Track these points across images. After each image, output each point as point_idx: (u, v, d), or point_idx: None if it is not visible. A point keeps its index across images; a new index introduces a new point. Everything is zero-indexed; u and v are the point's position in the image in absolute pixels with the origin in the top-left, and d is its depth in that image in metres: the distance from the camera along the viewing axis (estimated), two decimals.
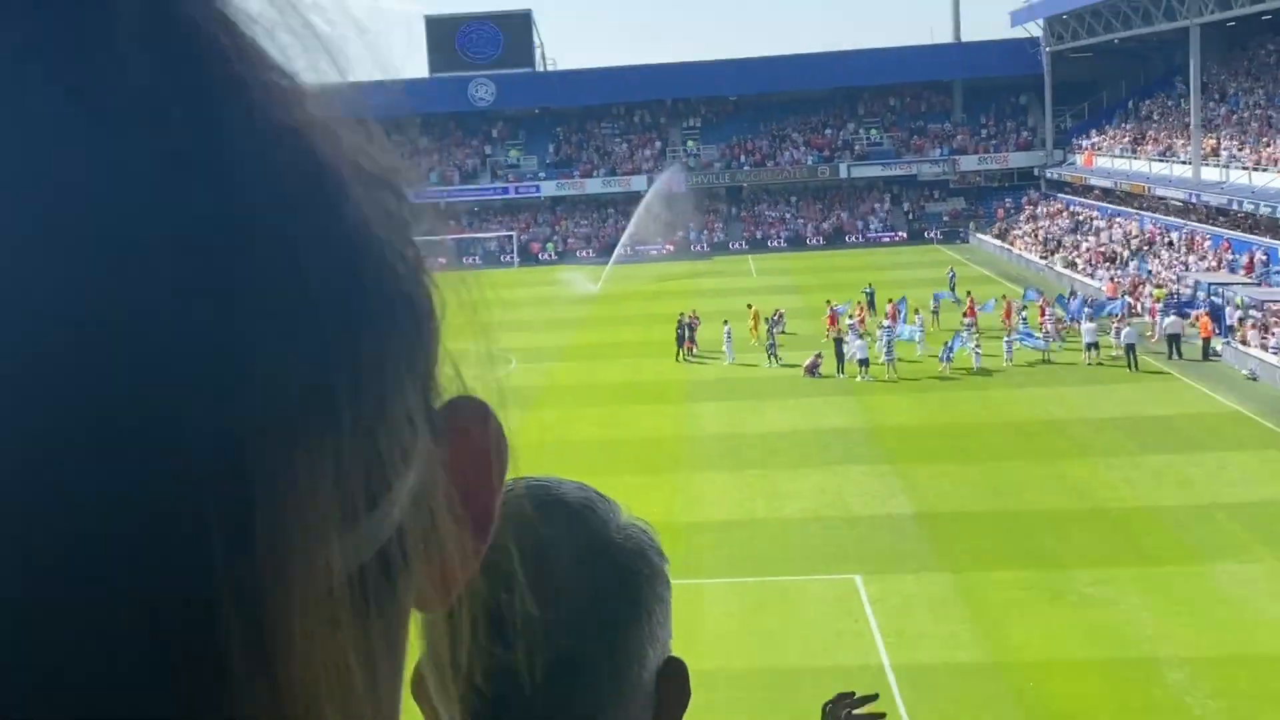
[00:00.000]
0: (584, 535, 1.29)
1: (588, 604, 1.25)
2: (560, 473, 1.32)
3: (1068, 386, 37.27)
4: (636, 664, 1.28)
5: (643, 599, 1.30)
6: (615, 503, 1.37)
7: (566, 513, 1.30)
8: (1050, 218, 71.64)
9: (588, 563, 1.27)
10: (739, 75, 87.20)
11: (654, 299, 57.48)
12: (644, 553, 1.33)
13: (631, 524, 1.36)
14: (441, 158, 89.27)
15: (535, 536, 1.25)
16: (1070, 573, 22.63)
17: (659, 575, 1.34)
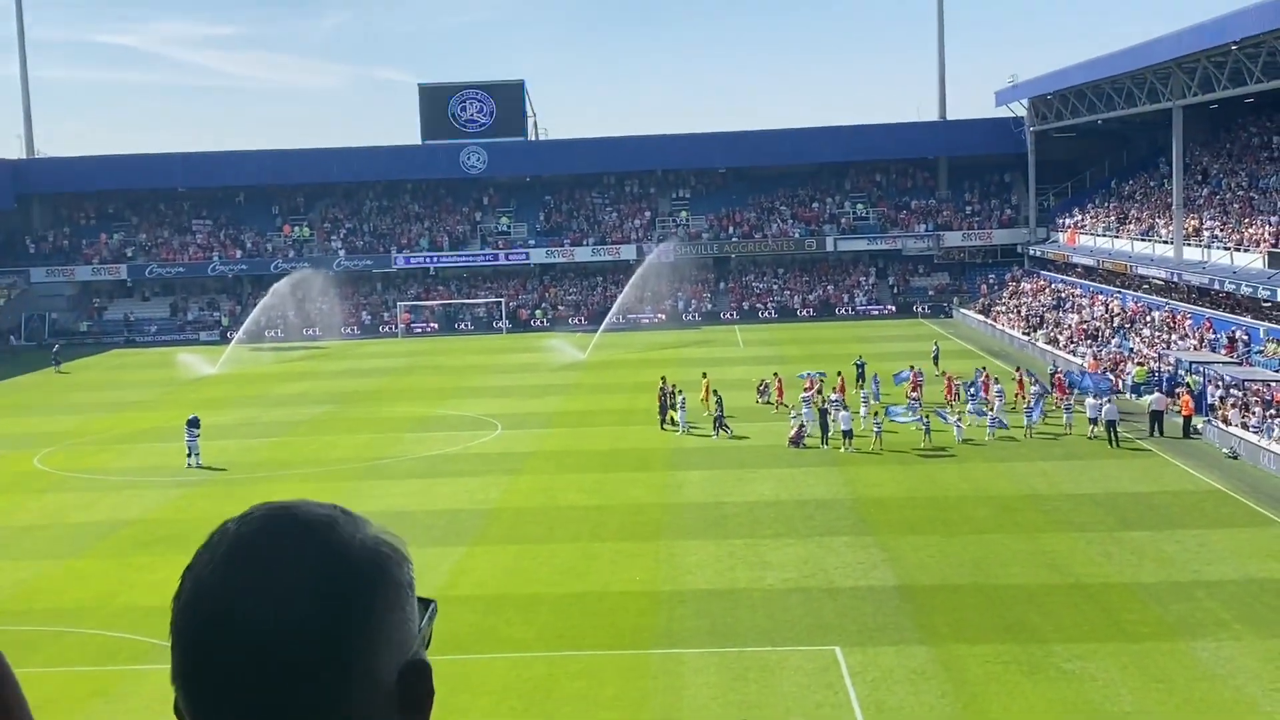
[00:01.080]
0: (318, 551, 1.37)
1: (309, 611, 1.33)
2: (546, 538, 1.45)
3: (1049, 461, 37.52)
4: (363, 666, 1.36)
5: (370, 606, 1.38)
6: (365, 520, 1.45)
7: (304, 531, 1.39)
8: (1033, 294, 72.25)
9: (314, 574, 1.35)
10: (729, 148, 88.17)
11: (641, 367, 57.75)
12: (379, 562, 1.41)
13: (377, 537, 1.44)
14: (433, 224, 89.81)
15: (263, 552, 1.37)
16: (1050, 646, 22.73)
17: (394, 583, 1.42)
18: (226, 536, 1.40)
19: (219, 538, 1.40)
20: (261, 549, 1.37)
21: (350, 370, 64.16)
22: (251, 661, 1.31)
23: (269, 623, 1.32)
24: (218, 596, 1.35)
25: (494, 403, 51.13)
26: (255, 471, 39.60)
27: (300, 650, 1.32)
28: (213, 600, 1.35)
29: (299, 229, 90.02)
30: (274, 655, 1.31)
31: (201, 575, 1.38)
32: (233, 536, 1.39)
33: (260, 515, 1.41)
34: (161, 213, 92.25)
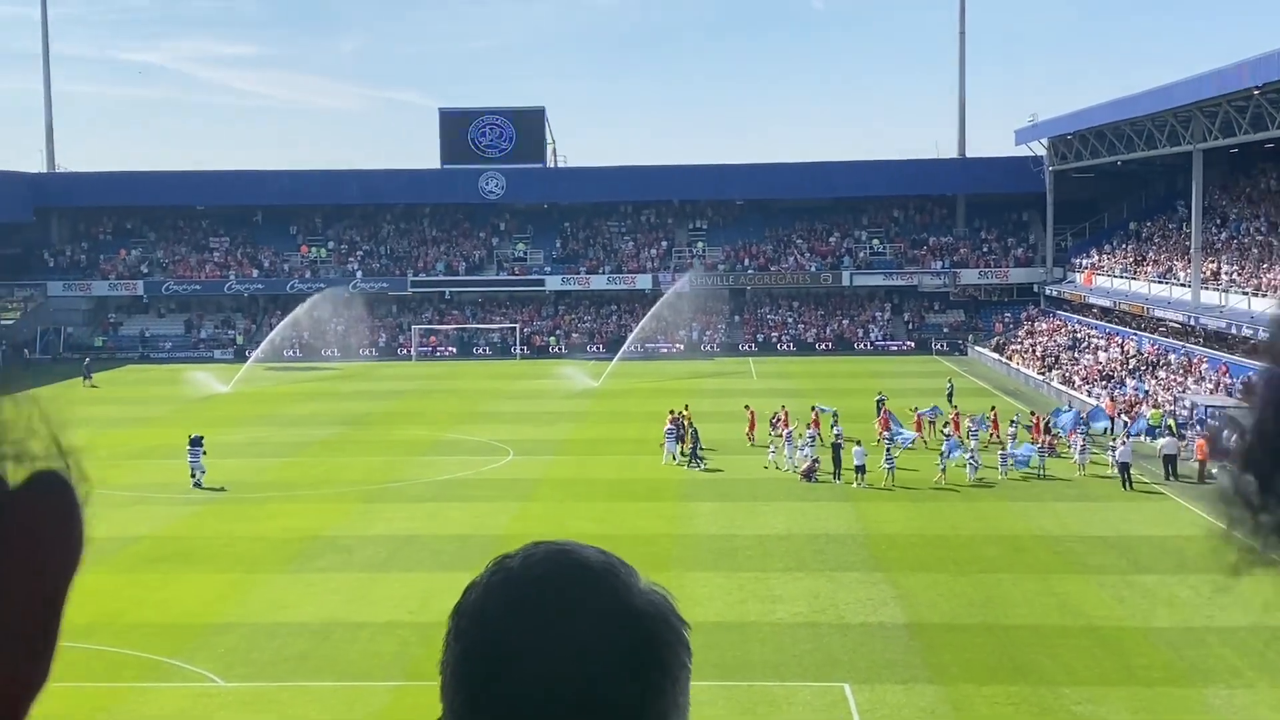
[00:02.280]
0: (608, 597, 1.30)
1: (614, 667, 1.25)
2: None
3: (1062, 502, 37.31)
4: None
5: (668, 664, 1.29)
6: (634, 569, 1.38)
7: (590, 575, 1.32)
8: (1049, 334, 72.09)
9: (613, 625, 1.28)
10: (747, 180, 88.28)
11: (653, 397, 57.64)
12: (667, 618, 1.33)
13: (653, 589, 1.36)
14: (449, 248, 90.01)
15: (555, 600, 1.28)
16: (1059, 689, 22.53)
17: (682, 641, 1.33)
18: (510, 576, 1.31)
19: (500, 576, 1.32)
20: (551, 594, 1.29)
21: (364, 392, 64.20)
22: (552, 714, 1.24)
23: (570, 678, 1.24)
24: (512, 641, 1.26)
25: (506, 428, 51.08)
26: (265, 491, 39.57)
27: (602, 708, 1.25)
28: (507, 645, 1.26)
29: (316, 249, 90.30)
30: (576, 709, 1.24)
31: (488, 617, 1.29)
32: (518, 577, 1.31)
33: (543, 555, 1.33)
34: (179, 230, 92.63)
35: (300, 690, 22.63)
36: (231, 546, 32.91)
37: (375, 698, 22.28)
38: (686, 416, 46.00)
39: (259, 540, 33.32)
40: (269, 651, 24.48)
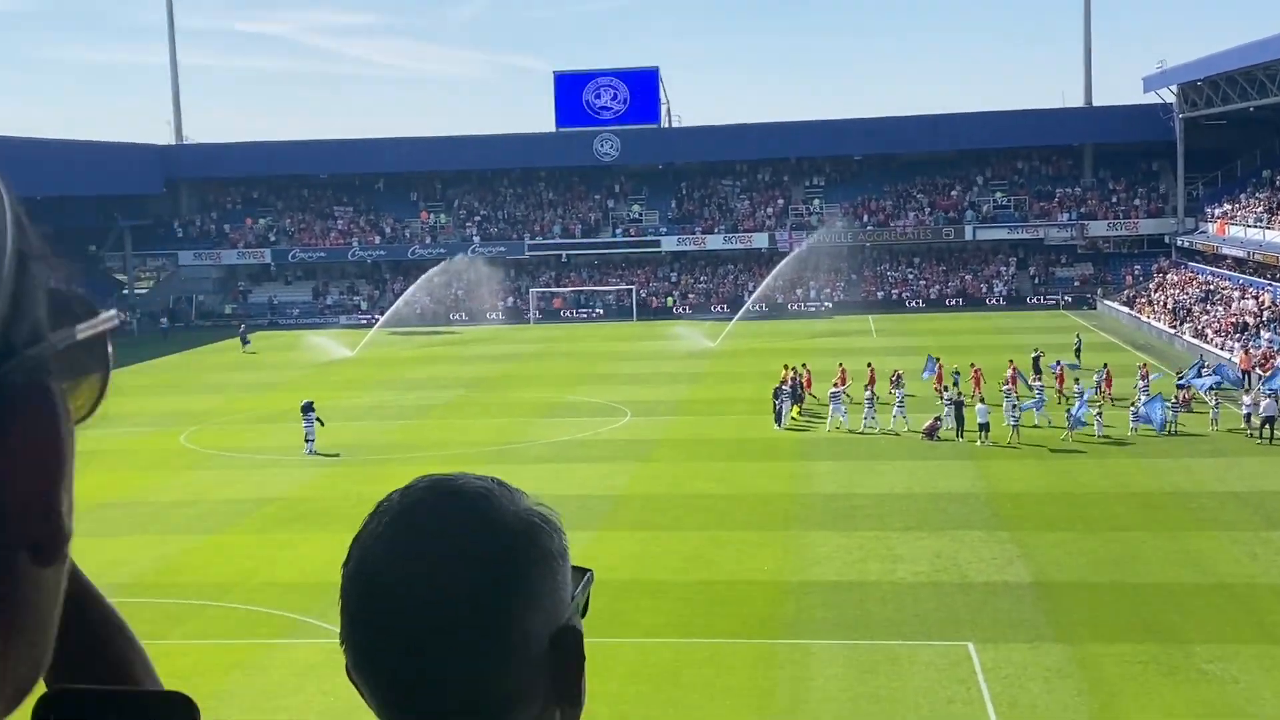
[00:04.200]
0: (474, 520, 1.42)
1: (466, 578, 1.38)
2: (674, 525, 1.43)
3: (1194, 458, 36.43)
4: (518, 631, 1.39)
5: (523, 573, 1.41)
6: (520, 492, 1.49)
7: (461, 500, 1.44)
8: (1180, 286, 70.23)
9: (473, 543, 1.40)
10: (865, 135, 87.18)
11: (770, 356, 57.35)
12: (532, 532, 1.44)
13: (530, 508, 1.47)
14: (565, 211, 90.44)
15: (424, 522, 1.42)
16: (1190, 647, 22.08)
17: (545, 551, 1.44)
18: (391, 506, 1.46)
19: (384, 507, 1.46)
20: (422, 518, 1.42)
21: (485, 355, 64.96)
22: (409, 625, 1.37)
23: (425, 588, 1.37)
24: (379, 564, 1.40)
25: (624, 389, 51.32)
26: (391, 453, 40.29)
27: (455, 614, 1.36)
28: (374, 567, 1.41)
29: (436, 215, 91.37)
30: (430, 619, 1.36)
31: (366, 544, 1.44)
32: (396, 506, 1.45)
33: (423, 486, 1.46)
34: (304, 198, 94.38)
35: None
36: (360, 506, 32.95)
37: None
38: (803, 376, 45.74)
39: None
40: None
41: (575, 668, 1.45)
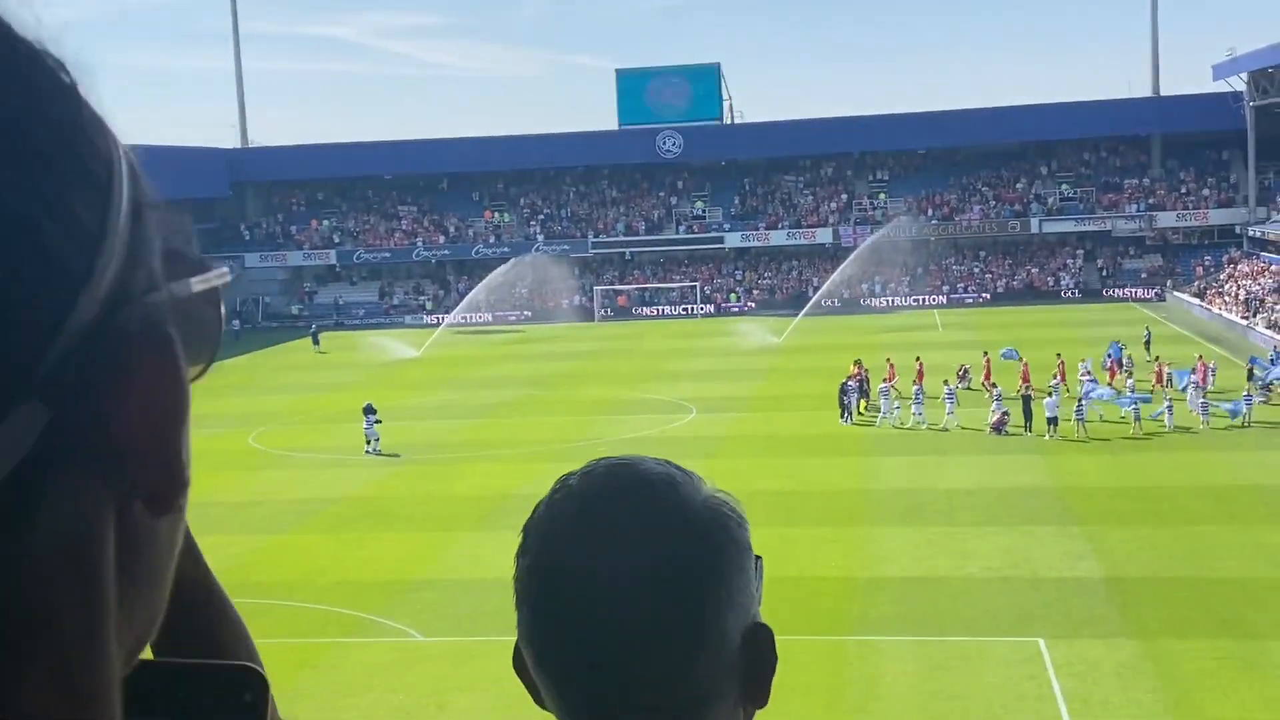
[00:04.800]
0: (662, 507, 1.34)
1: (662, 572, 1.30)
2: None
3: (1269, 451, 35.79)
4: (714, 629, 1.32)
5: (720, 567, 1.34)
6: (698, 477, 1.42)
7: (646, 488, 1.36)
8: (1252, 277, 69.05)
9: (664, 533, 1.32)
10: (928, 128, 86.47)
11: (835, 352, 57.02)
12: (722, 522, 1.37)
13: (714, 495, 1.40)
14: (628, 208, 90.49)
15: (612, 511, 1.34)
16: (1267, 644, 21.69)
17: (737, 544, 1.37)
18: (572, 493, 1.38)
19: (562, 493, 1.38)
20: (608, 506, 1.35)
21: (551, 353, 65.14)
22: (601, 622, 1.30)
23: (619, 582, 1.30)
24: (566, 555, 1.33)
25: (689, 386, 51.26)
26: (458, 451, 40.51)
27: (651, 610, 1.30)
28: (561, 559, 1.33)
29: (500, 214, 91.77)
30: (625, 616, 1.30)
31: (548, 532, 1.36)
32: (578, 492, 1.37)
33: (602, 471, 1.39)
34: (369, 199, 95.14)
35: (497, 644, 23.07)
36: (426, 506, 33.81)
37: None
38: (866, 372, 45.51)
39: (453, 499, 34.17)
40: (466, 607, 25.10)
41: (768, 668, 1.39)
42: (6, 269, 0.56)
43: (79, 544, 0.61)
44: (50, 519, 0.59)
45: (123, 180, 0.64)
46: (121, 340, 0.61)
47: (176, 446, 0.65)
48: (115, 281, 0.61)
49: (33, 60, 0.59)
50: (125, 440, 0.62)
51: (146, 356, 0.63)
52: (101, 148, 0.62)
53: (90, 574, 0.62)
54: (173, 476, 0.65)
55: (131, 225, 0.63)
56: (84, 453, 0.60)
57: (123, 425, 0.62)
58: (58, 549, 0.60)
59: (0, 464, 0.56)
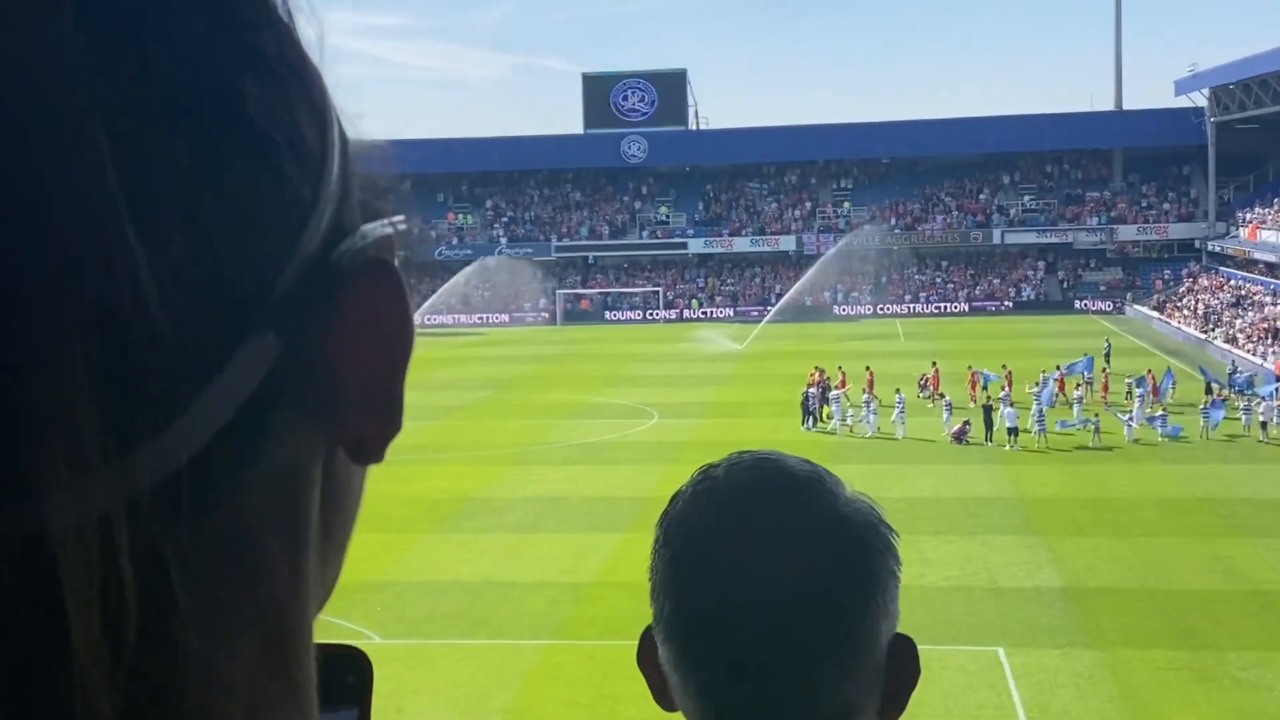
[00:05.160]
0: (815, 506, 1.28)
1: (820, 578, 1.24)
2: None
3: (1228, 464, 36.06)
4: (870, 638, 1.27)
5: (877, 572, 1.29)
6: (838, 478, 1.36)
7: (795, 483, 1.30)
8: (1211, 291, 69.68)
9: (820, 536, 1.26)
10: (892, 137, 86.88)
11: (797, 359, 57.11)
12: (875, 526, 1.31)
13: (859, 497, 1.34)
14: (592, 212, 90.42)
15: (762, 508, 1.27)
16: (1223, 654, 21.79)
17: (891, 549, 1.33)
18: (716, 485, 1.31)
19: (705, 484, 1.32)
20: (758, 501, 1.28)
21: (510, 356, 64.95)
22: (760, 622, 1.22)
23: (780, 583, 1.23)
24: (714, 549, 1.26)
25: (651, 391, 51.18)
26: (417, 453, 40.20)
27: (811, 617, 1.23)
28: (709, 553, 1.26)
29: (463, 216, 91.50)
30: (784, 619, 1.22)
31: (692, 524, 1.28)
32: (724, 485, 1.31)
33: (749, 464, 1.33)
34: None
35: (453, 647, 23.00)
36: (384, 507, 33.51)
37: (526, 655, 22.53)
38: (837, 378, 45.59)
39: (412, 501, 33.90)
40: (423, 609, 24.92)
41: (912, 680, 1.32)
42: (245, 185, 0.53)
43: (292, 494, 0.58)
44: (268, 466, 0.56)
45: (335, 110, 0.61)
46: (348, 273, 0.58)
47: (400, 387, 0.63)
48: (334, 213, 0.58)
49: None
50: (351, 380, 0.59)
51: (375, 291, 0.60)
52: (317, 75, 0.60)
53: (299, 527, 0.59)
54: (390, 419, 0.62)
55: (342, 157, 0.61)
56: (308, 392, 0.57)
57: (351, 364, 0.58)
58: (272, 499, 0.57)
59: (229, 401, 0.52)
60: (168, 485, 0.50)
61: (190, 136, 0.50)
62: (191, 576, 0.51)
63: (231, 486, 0.54)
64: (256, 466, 0.55)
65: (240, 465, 0.54)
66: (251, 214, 0.53)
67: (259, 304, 0.54)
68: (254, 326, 0.53)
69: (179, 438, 0.50)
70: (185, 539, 0.51)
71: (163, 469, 0.50)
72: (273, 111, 0.55)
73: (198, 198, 0.51)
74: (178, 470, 0.50)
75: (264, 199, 0.54)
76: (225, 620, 0.54)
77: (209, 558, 0.53)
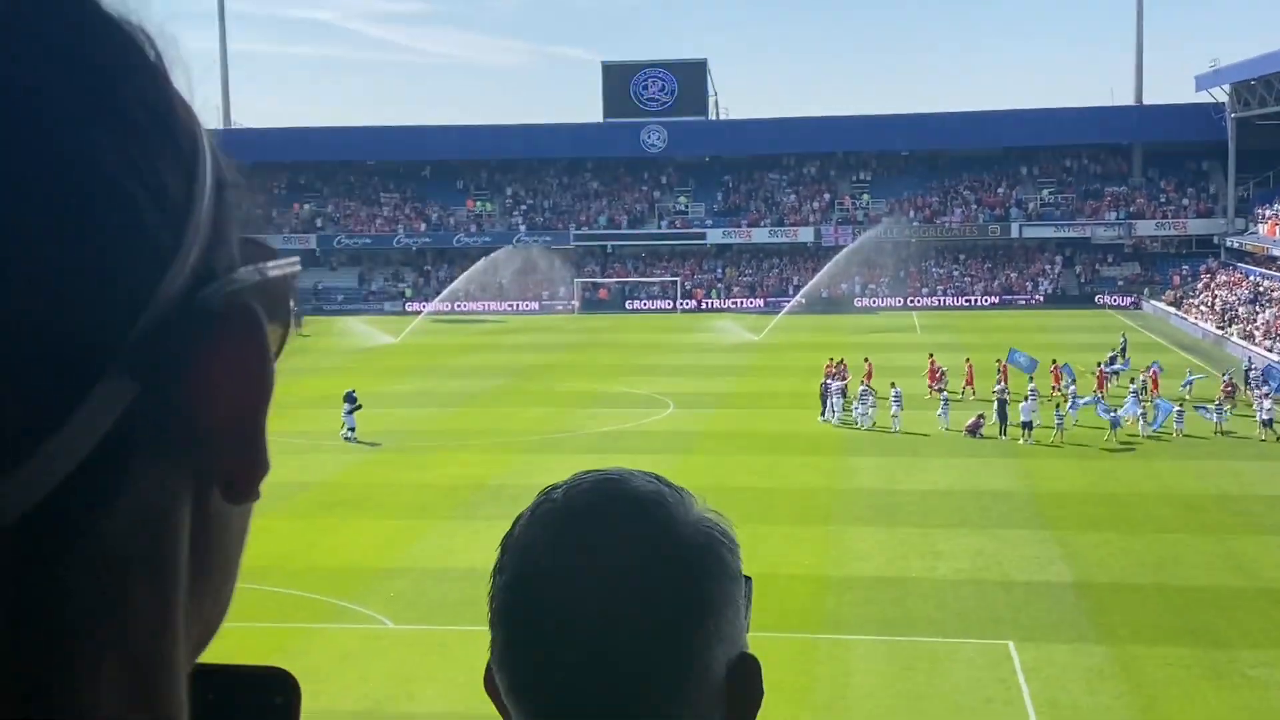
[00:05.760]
0: (650, 530, 1.26)
1: (649, 601, 1.23)
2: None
3: (1242, 461, 36.02)
4: (700, 662, 1.25)
5: (709, 598, 1.27)
6: (690, 495, 1.34)
7: (634, 504, 1.28)
8: (1229, 287, 69.45)
9: (652, 559, 1.25)
10: (912, 130, 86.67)
11: (814, 350, 57.11)
12: (714, 549, 1.29)
13: (704, 518, 1.32)
14: (611, 201, 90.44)
15: (597, 531, 1.26)
16: (1234, 652, 21.83)
17: (728, 572, 1.30)
18: (554, 507, 1.30)
19: (545, 507, 1.31)
20: (592, 525, 1.27)
21: (528, 344, 65.08)
22: (580, 649, 1.22)
23: (601, 609, 1.23)
24: (545, 575, 1.26)
25: (667, 381, 51.27)
26: (433, 440, 40.45)
27: (634, 640, 1.22)
28: (539, 580, 1.26)
29: (482, 204, 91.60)
30: (605, 644, 1.22)
31: (526, 549, 1.28)
32: (561, 507, 1.30)
33: (589, 486, 1.31)
34: (350, 184, 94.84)
35: (466, 634, 23.11)
36: (400, 493, 33.74)
37: None
38: (845, 367, 45.70)
39: (427, 488, 34.11)
40: (436, 596, 25.08)
41: (754, 702, 1.30)
42: (100, 235, 0.54)
43: (156, 531, 0.59)
44: (128, 504, 0.57)
45: (206, 155, 0.62)
46: (208, 317, 0.59)
47: (261, 429, 0.65)
48: (200, 257, 0.59)
49: (121, 30, 0.59)
50: (211, 421, 0.60)
51: (235, 334, 0.60)
52: (185, 121, 0.61)
53: (166, 564, 0.60)
54: (255, 460, 0.65)
55: (215, 201, 0.62)
56: (166, 433, 0.58)
57: (209, 405, 0.60)
58: (134, 536, 0.58)
59: (82, 441, 0.54)
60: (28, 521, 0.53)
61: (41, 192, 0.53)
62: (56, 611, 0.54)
63: (91, 524, 0.55)
64: (115, 505, 0.56)
65: (99, 503, 0.55)
66: (104, 264, 0.55)
67: (113, 349, 0.55)
68: (107, 371, 0.55)
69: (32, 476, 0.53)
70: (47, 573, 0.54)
71: (18, 505, 0.52)
72: (130, 163, 0.56)
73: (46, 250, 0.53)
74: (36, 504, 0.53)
75: (119, 249, 0.55)
76: (90, 654, 0.56)
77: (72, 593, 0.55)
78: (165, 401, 0.57)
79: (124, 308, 0.56)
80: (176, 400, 0.58)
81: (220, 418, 0.61)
